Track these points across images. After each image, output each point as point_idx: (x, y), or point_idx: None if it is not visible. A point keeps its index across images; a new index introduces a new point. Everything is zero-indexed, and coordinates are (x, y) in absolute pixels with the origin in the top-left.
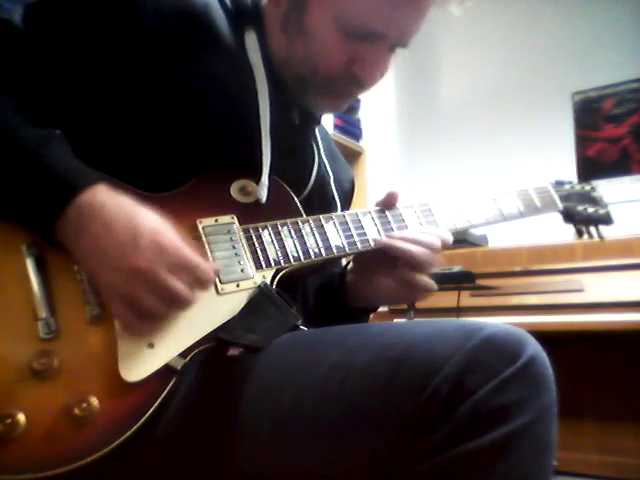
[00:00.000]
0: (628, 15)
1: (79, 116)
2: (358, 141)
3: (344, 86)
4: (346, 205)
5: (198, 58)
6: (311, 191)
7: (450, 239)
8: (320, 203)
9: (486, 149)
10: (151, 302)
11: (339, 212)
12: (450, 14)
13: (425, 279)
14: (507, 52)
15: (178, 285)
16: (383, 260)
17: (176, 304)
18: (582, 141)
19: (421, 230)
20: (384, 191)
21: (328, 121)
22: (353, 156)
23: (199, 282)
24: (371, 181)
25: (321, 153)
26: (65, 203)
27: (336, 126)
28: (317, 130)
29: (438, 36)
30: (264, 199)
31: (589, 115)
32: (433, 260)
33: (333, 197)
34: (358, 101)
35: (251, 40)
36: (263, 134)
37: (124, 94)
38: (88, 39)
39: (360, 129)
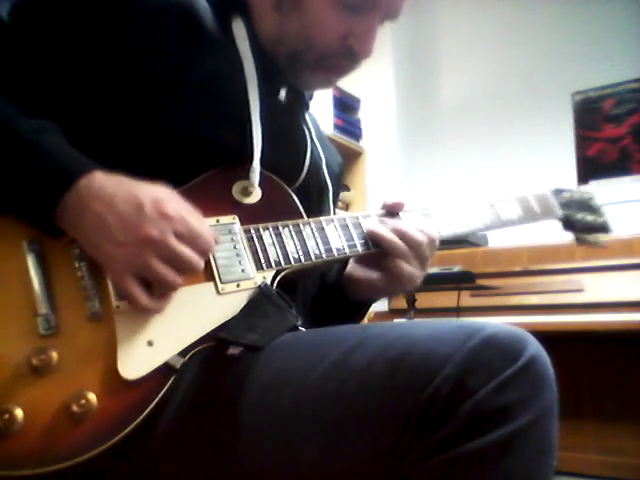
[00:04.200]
0: (628, 15)
1: (68, 111)
2: (358, 141)
3: (339, 59)
4: (337, 189)
5: (185, 53)
6: (306, 176)
7: (434, 237)
8: (315, 188)
9: (486, 149)
10: (162, 270)
11: (340, 215)
12: (451, 14)
13: (409, 269)
14: (507, 52)
15: (188, 251)
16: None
17: (186, 271)
18: (582, 141)
19: (411, 223)
20: (384, 191)
21: (328, 121)
22: (353, 156)
23: (202, 250)
24: (371, 181)
25: (313, 138)
26: (64, 189)
27: (336, 126)
28: (307, 116)
29: (438, 36)
30: (256, 182)
31: (589, 115)
32: (417, 253)
33: (325, 181)
34: (358, 101)
35: (239, 28)
36: (253, 122)
37: (111, 89)
38: (73, 35)
39: (360, 129)
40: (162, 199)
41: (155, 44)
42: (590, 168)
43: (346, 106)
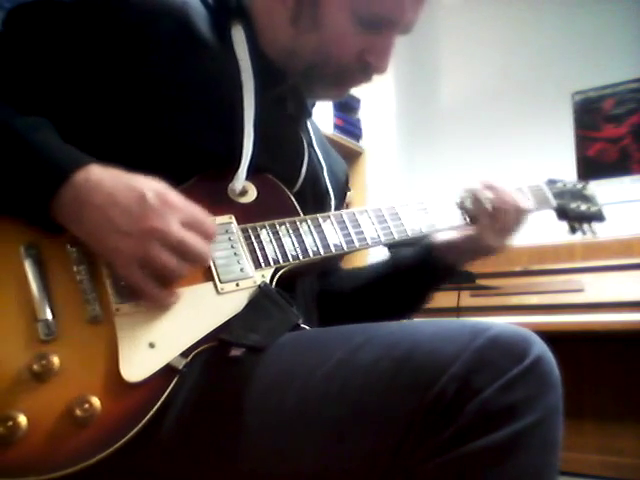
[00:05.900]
0: (628, 15)
1: (59, 115)
2: (358, 141)
3: (355, 74)
4: (341, 196)
5: (179, 59)
6: (303, 183)
7: (522, 206)
8: (313, 195)
9: (486, 149)
10: (168, 259)
11: (336, 211)
12: (450, 14)
13: (492, 236)
14: (507, 52)
15: (196, 239)
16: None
17: (192, 258)
18: (582, 141)
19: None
20: (384, 191)
21: (328, 121)
22: (353, 156)
23: (207, 237)
24: (371, 181)
25: (313, 144)
26: (60, 183)
27: (336, 126)
28: (309, 123)
29: (438, 36)
30: (238, 191)
31: (589, 115)
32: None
33: (326, 189)
34: (358, 101)
35: (238, 35)
36: (245, 128)
37: (103, 95)
38: (64, 41)
39: (360, 129)
40: (163, 190)
41: (147, 50)
42: (590, 168)
43: (346, 106)
